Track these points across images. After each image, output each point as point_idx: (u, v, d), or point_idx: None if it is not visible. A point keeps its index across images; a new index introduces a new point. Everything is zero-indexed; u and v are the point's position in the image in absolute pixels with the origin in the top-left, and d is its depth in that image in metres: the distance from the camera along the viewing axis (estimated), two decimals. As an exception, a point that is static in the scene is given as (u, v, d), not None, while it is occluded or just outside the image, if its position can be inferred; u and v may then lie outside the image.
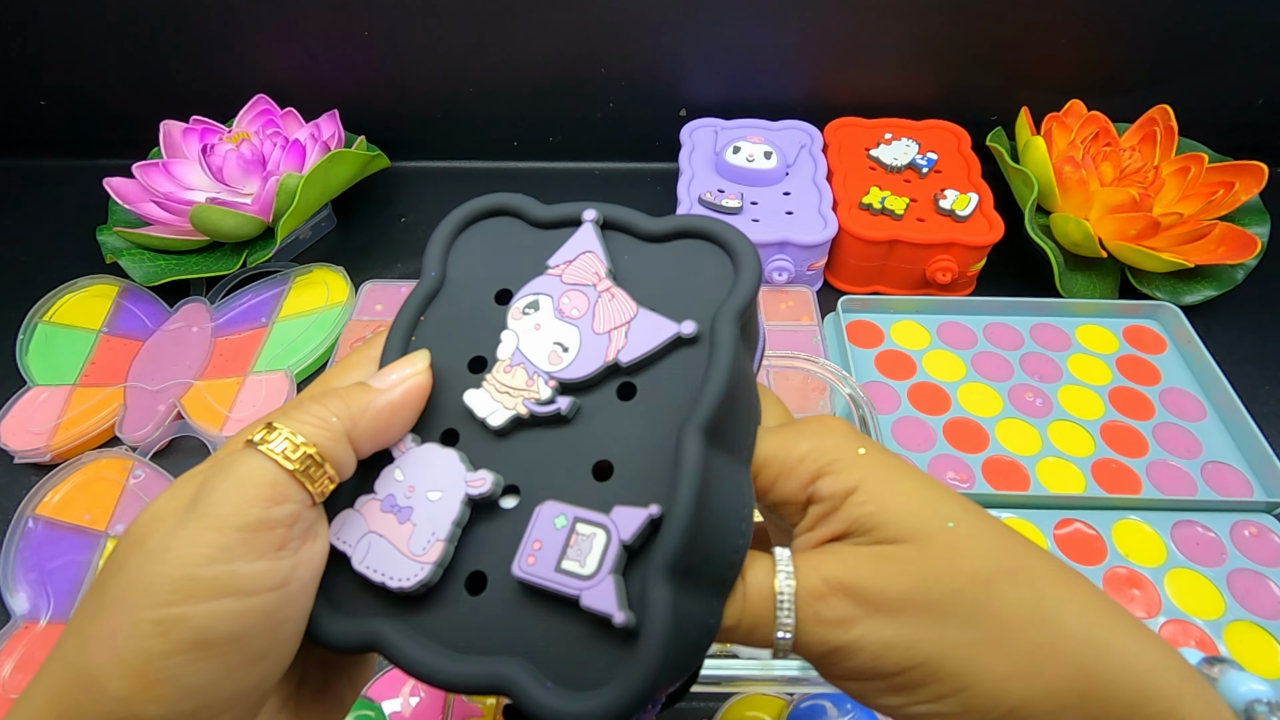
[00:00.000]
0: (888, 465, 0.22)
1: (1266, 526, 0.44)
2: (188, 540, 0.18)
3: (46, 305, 0.56)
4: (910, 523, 0.20)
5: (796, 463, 0.22)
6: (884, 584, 0.20)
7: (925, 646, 0.19)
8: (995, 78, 0.65)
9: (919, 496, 0.21)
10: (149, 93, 0.67)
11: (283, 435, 0.20)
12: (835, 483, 0.21)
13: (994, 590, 0.20)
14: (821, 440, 0.22)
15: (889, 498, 0.21)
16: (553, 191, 0.69)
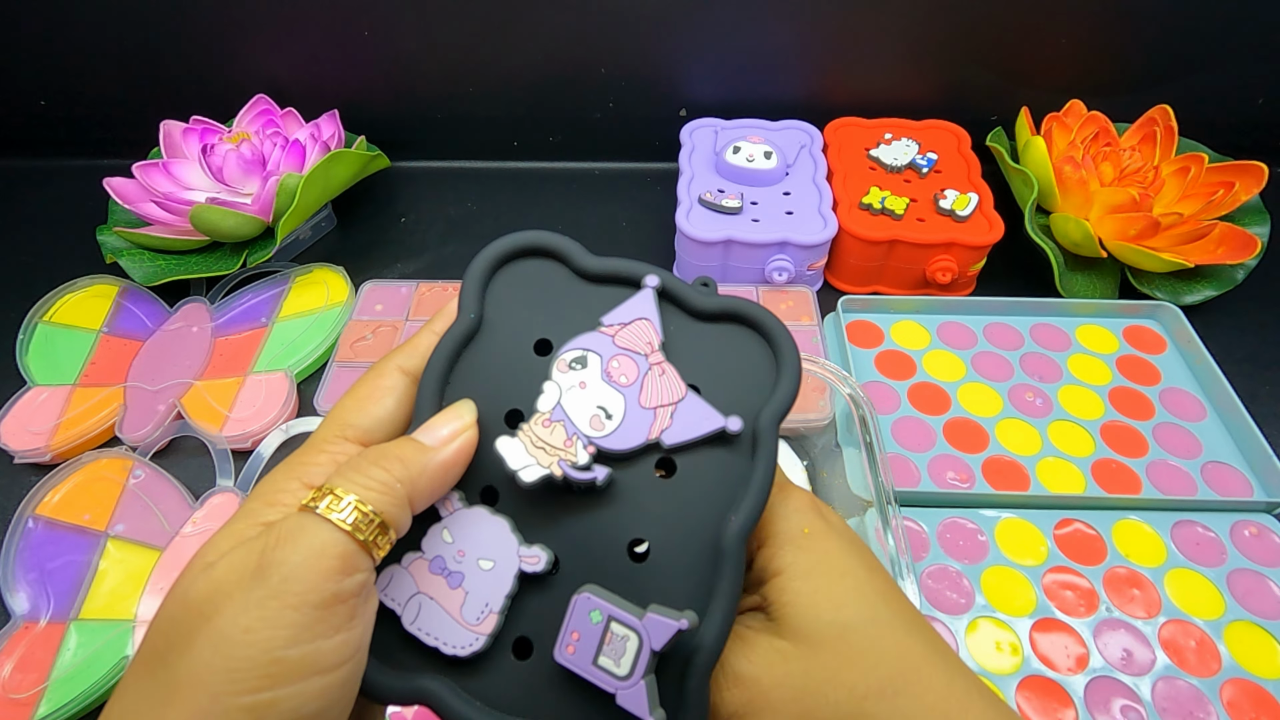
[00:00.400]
0: (822, 554, 0.22)
1: (1266, 526, 0.44)
2: (268, 621, 0.17)
3: (46, 305, 0.56)
4: (810, 626, 0.21)
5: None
6: (773, 683, 0.20)
7: None
8: (995, 78, 0.65)
9: (832, 597, 0.21)
10: (149, 93, 0.67)
11: (351, 503, 0.19)
12: (767, 558, 0.22)
13: (867, 708, 0.20)
14: (776, 509, 0.23)
15: (803, 593, 0.21)
16: (553, 191, 0.69)
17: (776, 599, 0.22)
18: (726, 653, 0.21)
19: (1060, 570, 0.43)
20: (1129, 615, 0.41)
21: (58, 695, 0.38)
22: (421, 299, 0.57)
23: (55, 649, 0.39)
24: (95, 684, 0.38)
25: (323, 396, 0.50)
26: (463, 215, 0.67)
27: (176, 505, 0.45)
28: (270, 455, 0.47)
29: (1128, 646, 0.40)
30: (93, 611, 0.41)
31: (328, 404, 0.50)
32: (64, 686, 0.38)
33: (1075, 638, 0.40)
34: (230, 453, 0.48)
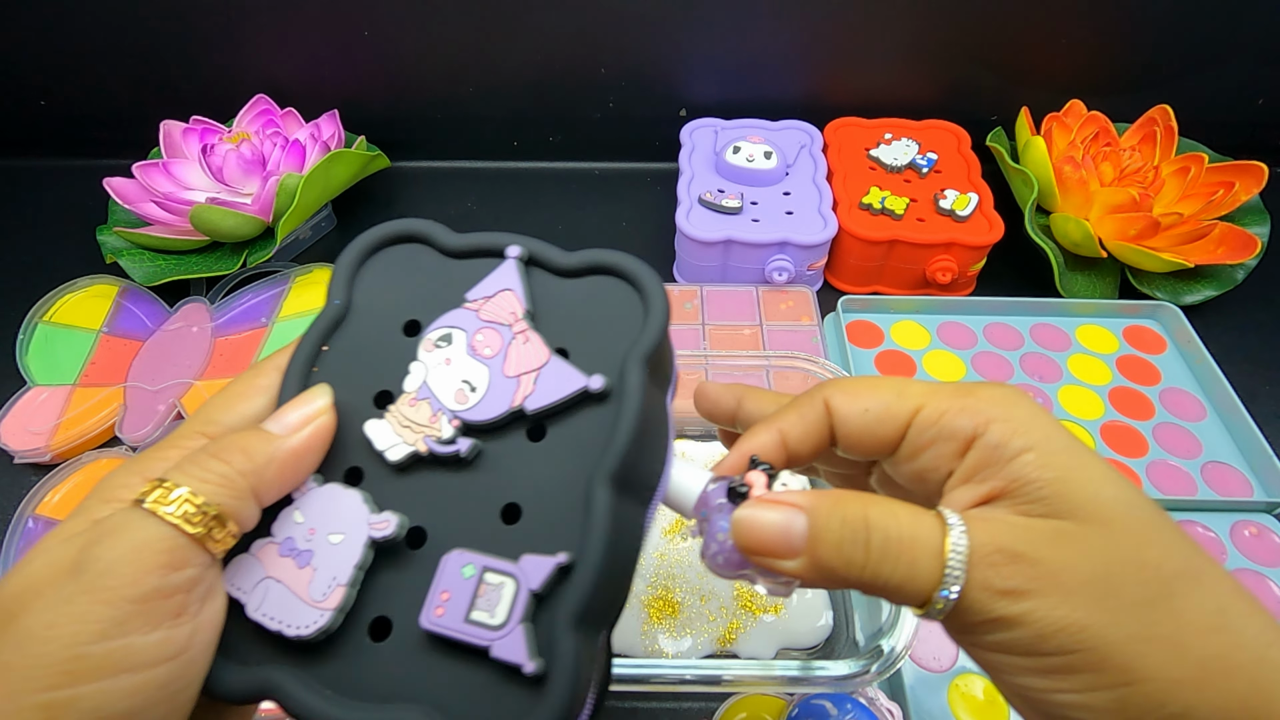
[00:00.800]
0: (1069, 437, 0.20)
1: (1266, 526, 0.44)
2: (75, 616, 0.16)
3: (46, 305, 0.56)
4: (1092, 503, 0.19)
5: (966, 406, 0.21)
6: (1062, 564, 0.18)
7: (1097, 633, 0.18)
8: (995, 78, 0.65)
9: (1105, 477, 0.19)
10: (149, 93, 0.67)
11: (181, 496, 0.18)
12: (1007, 432, 0.20)
13: (1177, 589, 0.18)
14: (998, 391, 0.21)
15: (1074, 469, 0.19)
16: (553, 191, 0.69)
17: (1036, 477, 0.19)
18: (989, 528, 0.19)
19: (1060, 570, 0.43)
20: (1129, 615, 0.41)
21: (58, 695, 0.38)
22: (421, 299, 0.57)
23: (55, 649, 0.39)
24: (95, 684, 0.38)
25: (323, 396, 0.50)
26: (463, 215, 0.67)
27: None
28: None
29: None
30: (93, 611, 0.41)
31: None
32: (64, 686, 0.38)
33: (1075, 638, 0.40)
34: (230, 453, 0.47)
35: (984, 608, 0.19)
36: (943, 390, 0.22)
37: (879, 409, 0.23)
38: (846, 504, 0.20)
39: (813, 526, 0.20)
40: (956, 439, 0.21)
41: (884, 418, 0.22)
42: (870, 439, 0.23)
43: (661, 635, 0.40)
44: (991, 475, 0.20)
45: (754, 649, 0.39)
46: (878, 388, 0.23)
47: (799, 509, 0.20)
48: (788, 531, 0.20)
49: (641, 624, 0.40)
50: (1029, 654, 0.19)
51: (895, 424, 0.22)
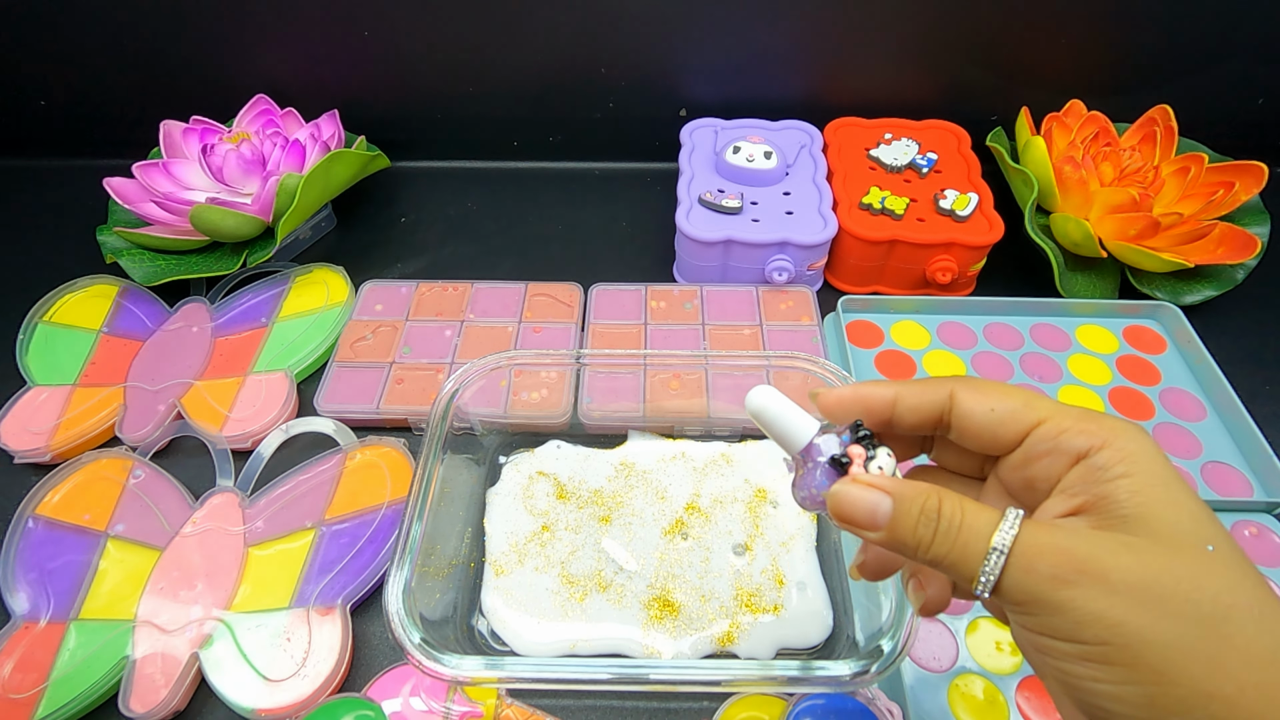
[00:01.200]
0: (1175, 477, 0.22)
1: (1266, 526, 0.44)
2: None
3: (46, 305, 0.56)
4: (1171, 530, 0.20)
5: (1086, 428, 0.23)
6: (1115, 564, 0.20)
7: (1134, 631, 0.19)
8: (995, 78, 0.65)
9: (1193, 515, 0.21)
10: (149, 93, 0.67)
11: None
12: (1113, 458, 0.22)
13: (1234, 616, 0.19)
14: (1120, 424, 0.23)
15: (1162, 500, 0.21)
16: (553, 191, 0.69)
17: (1124, 499, 0.21)
18: (1049, 530, 0.22)
19: (1060, 570, 0.43)
20: (1129, 615, 0.41)
21: (58, 695, 0.38)
22: (421, 299, 0.57)
23: (55, 649, 0.39)
24: (95, 684, 0.38)
25: (323, 396, 0.50)
26: (463, 215, 0.67)
27: (176, 505, 0.45)
28: (270, 455, 0.47)
29: (1128, 646, 0.40)
30: (93, 611, 0.41)
31: (328, 404, 0.50)
32: (64, 686, 0.38)
33: (1075, 638, 0.40)
34: (230, 453, 0.48)
35: (1026, 589, 0.21)
36: (1070, 410, 0.24)
37: (1005, 411, 0.25)
38: (926, 495, 0.23)
39: (895, 510, 0.23)
40: (1069, 455, 0.23)
41: (1008, 420, 0.24)
42: (990, 437, 0.25)
43: (661, 635, 0.40)
44: (1084, 491, 0.22)
45: (754, 649, 0.39)
46: (1008, 394, 0.25)
47: (887, 493, 0.23)
48: (874, 511, 0.24)
49: (641, 624, 0.40)
50: (1069, 640, 0.20)
51: (1018, 428, 0.24)
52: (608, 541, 0.43)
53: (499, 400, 0.48)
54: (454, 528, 0.43)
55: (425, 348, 0.53)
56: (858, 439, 0.26)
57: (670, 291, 0.57)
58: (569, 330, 0.54)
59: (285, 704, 0.37)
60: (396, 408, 0.49)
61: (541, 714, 0.38)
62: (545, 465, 0.47)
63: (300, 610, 0.41)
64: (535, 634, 0.40)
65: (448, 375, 0.51)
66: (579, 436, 0.49)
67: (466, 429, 0.46)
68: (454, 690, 0.38)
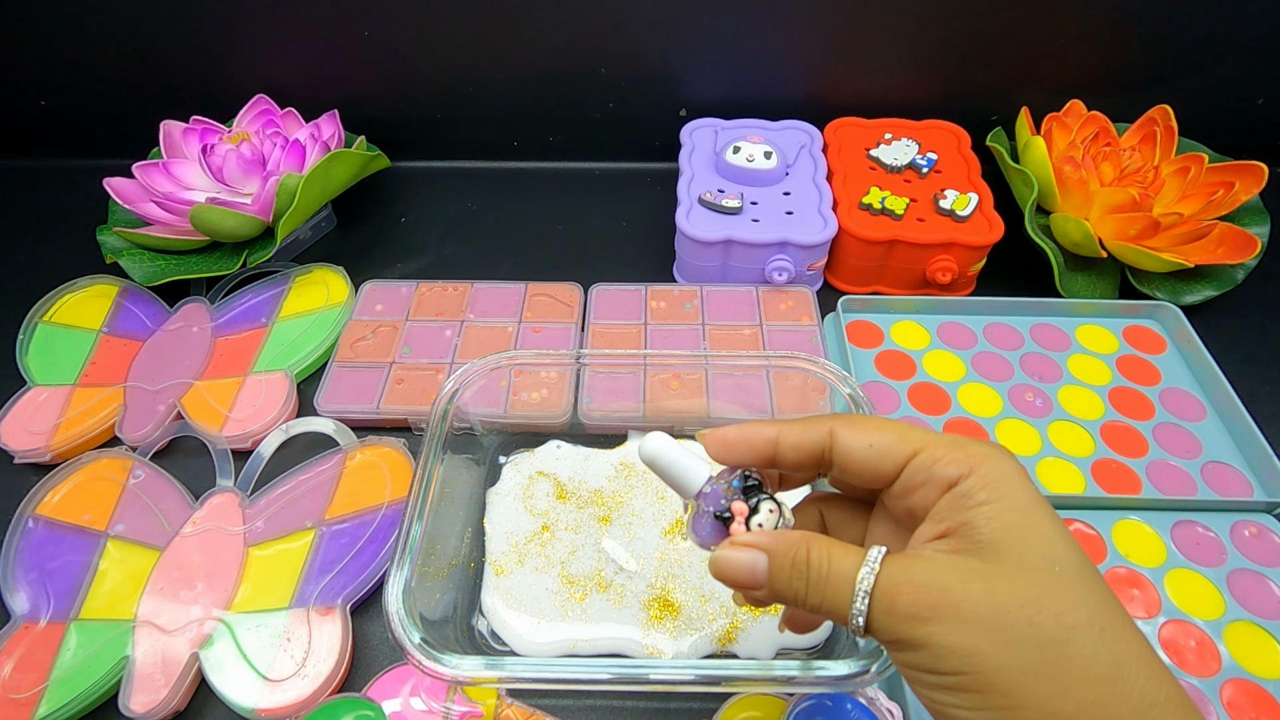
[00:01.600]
0: (1032, 501, 0.23)
1: (1266, 526, 0.44)
2: None
3: (46, 305, 0.56)
4: (1020, 553, 0.22)
5: (957, 457, 0.24)
6: (965, 593, 0.21)
7: (987, 658, 0.21)
8: (995, 78, 0.65)
9: (1045, 534, 0.22)
10: (149, 93, 0.67)
11: None
12: (978, 485, 0.23)
13: (1075, 636, 0.21)
14: (988, 450, 0.24)
15: (1015, 525, 0.22)
16: (553, 191, 0.69)
17: (983, 526, 0.22)
18: (907, 565, 0.23)
19: (1060, 570, 0.43)
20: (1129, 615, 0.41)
21: (58, 695, 0.38)
22: (421, 299, 0.57)
23: (55, 649, 0.39)
24: (95, 684, 0.38)
25: (323, 396, 0.50)
26: (463, 215, 0.67)
27: (176, 505, 0.45)
28: (270, 455, 0.47)
29: (1128, 646, 0.40)
30: (93, 611, 0.41)
31: (328, 404, 0.50)
32: (64, 686, 0.38)
33: (1075, 638, 0.40)
34: (230, 453, 0.48)
35: (889, 630, 0.22)
36: (943, 440, 0.25)
37: (882, 446, 0.26)
38: (796, 547, 0.25)
39: (770, 566, 0.25)
40: (940, 484, 0.24)
41: (885, 454, 0.26)
42: (870, 472, 0.26)
43: (661, 635, 0.40)
44: (950, 517, 0.24)
45: (754, 649, 0.39)
46: (885, 428, 0.26)
47: (761, 551, 0.25)
48: (753, 570, 0.25)
49: (641, 624, 0.40)
50: (931, 671, 0.22)
51: (895, 461, 0.25)
52: (608, 541, 0.43)
53: (499, 400, 0.48)
54: (454, 528, 0.43)
55: (425, 348, 0.53)
56: (745, 488, 0.26)
57: (670, 291, 0.57)
58: (569, 330, 0.54)
59: (285, 704, 0.37)
60: (396, 408, 0.49)
61: (541, 714, 0.38)
62: (545, 465, 0.47)
63: (300, 610, 0.41)
64: (535, 634, 0.40)
65: (448, 375, 0.51)
66: (579, 436, 0.49)
67: (466, 429, 0.46)
68: (454, 690, 0.38)
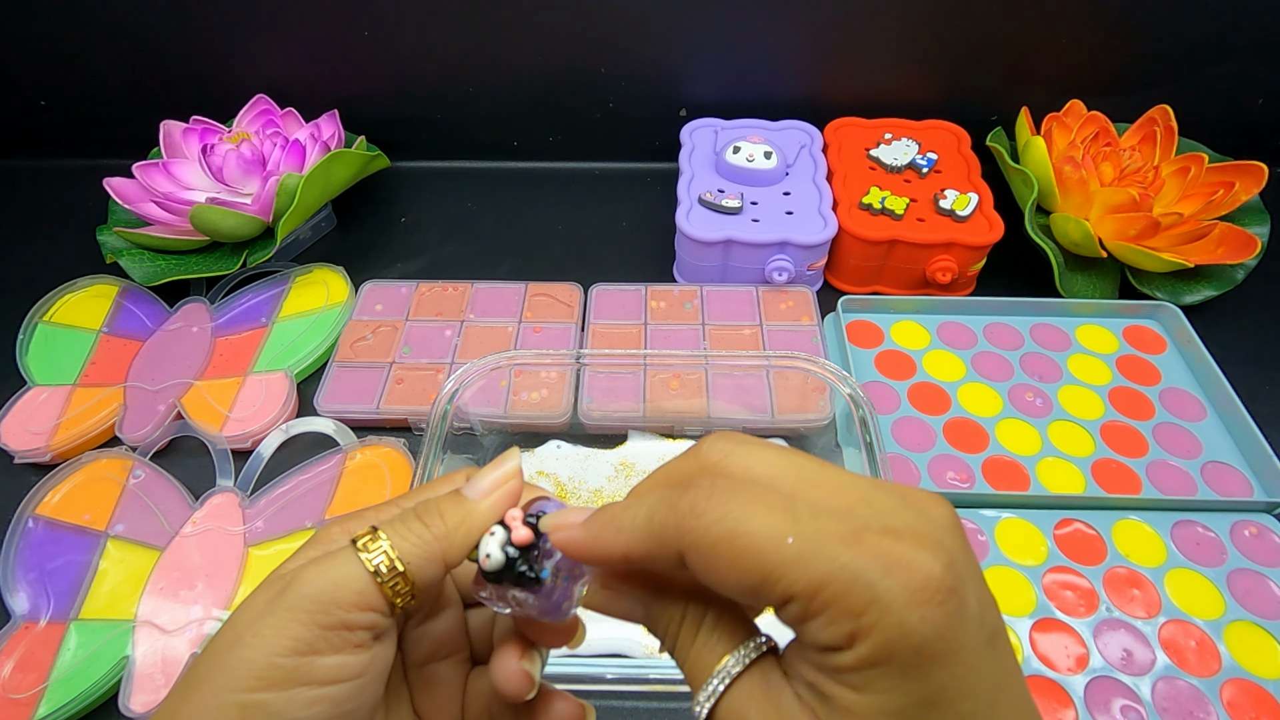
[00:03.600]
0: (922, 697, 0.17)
1: (1266, 526, 0.44)
2: (275, 630, 0.19)
3: (46, 305, 0.56)
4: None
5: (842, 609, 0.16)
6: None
7: None
8: (995, 78, 0.65)
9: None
10: (149, 93, 0.67)
11: (382, 548, 0.21)
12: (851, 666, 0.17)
13: None
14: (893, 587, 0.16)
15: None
16: (553, 191, 0.69)
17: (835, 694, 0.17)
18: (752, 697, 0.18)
19: (1060, 570, 0.43)
20: (1129, 615, 0.41)
21: (58, 695, 0.38)
22: (421, 299, 0.57)
23: (55, 649, 0.39)
24: (95, 684, 0.38)
25: (323, 396, 0.50)
26: (463, 215, 0.67)
27: (176, 505, 0.45)
28: (270, 455, 0.47)
29: (1128, 646, 0.40)
30: (93, 611, 0.41)
31: (328, 404, 0.50)
32: (64, 686, 0.38)
33: (1075, 638, 0.40)
34: (230, 453, 0.48)
35: None
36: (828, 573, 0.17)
37: (739, 591, 0.18)
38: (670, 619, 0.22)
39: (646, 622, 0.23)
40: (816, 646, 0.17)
41: (749, 597, 0.18)
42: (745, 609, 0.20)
43: (661, 635, 0.40)
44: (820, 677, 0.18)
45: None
46: (740, 558, 0.17)
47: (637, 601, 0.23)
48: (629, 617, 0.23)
49: (641, 624, 0.40)
50: None
51: (762, 604, 0.18)
52: (608, 541, 0.43)
53: (499, 400, 0.48)
54: (454, 528, 0.43)
55: (425, 348, 0.53)
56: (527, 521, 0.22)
57: (670, 291, 0.57)
58: (569, 330, 0.54)
59: (285, 704, 0.37)
60: (396, 408, 0.49)
61: (541, 714, 0.38)
62: (545, 465, 0.47)
63: (300, 610, 0.41)
64: (535, 634, 0.40)
65: (448, 375, 0.51)
66: (579, 436, 0.49)
67: (466, 429, 0.46)
68: (454, 690, 0.38)
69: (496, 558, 0.21)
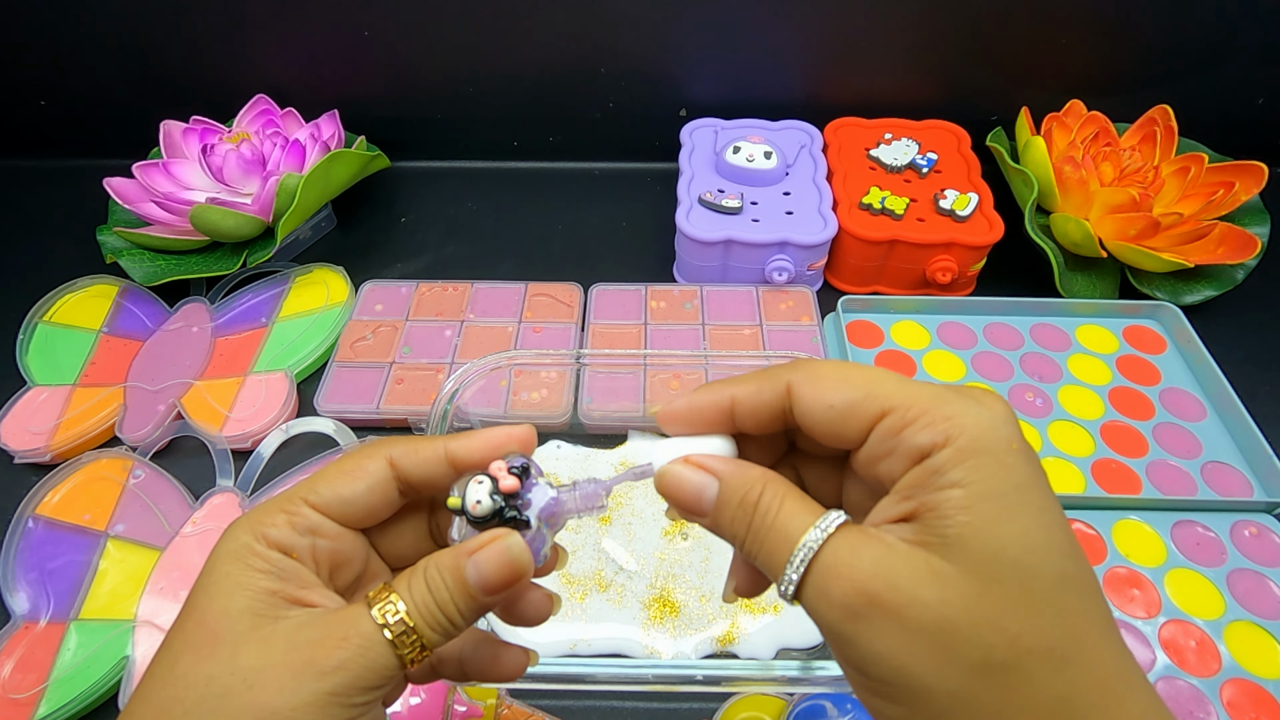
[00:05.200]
0: (1016, 485, 0.19)
1: (1266, 526, 0.44)
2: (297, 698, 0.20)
3: (46, 305, 0.56)
4: (988, 557, 0.18)
5: (932, 421, 0.20)
6: (913, 598, 0.18)
7: (919, 676, 0.18)
8: (995, 78, 0.65)
9: (1023, 535, 0.19)
10: (149, 93, 0.67)
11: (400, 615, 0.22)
12: (951, 460, 0.19)
13: (1027, 662, 0.18)
14: (972, 411, 0.20)
15: (987, 518, 0.19)
16: (553, 191, 0.69)
17: (950, 514, 0.19)
18: (853, 541, 0.20)
19: (1060, 570, 0.43)
20: (1129, 615, 0.41)
21: (58, 695, 0.38)
22: (421, 299, 0.57)
23: (55, 649, 0.39)
24: (95, 684, 0.38)
25: (323, 396, 0.50)
26: (463, 215, 0.67)
27: (176, 505, 0.45)
28: (270, 455, 0.47)
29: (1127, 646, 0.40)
30: (93, 611, 0.41)
31: (328, 404, 0.50)
32: (64, 686, 0.38)
33: (1075, 638, 0.40)
34: (230, 453, 0.48)
35: (819, 612, 0.20)
36: (919, 396, 0.20)
37: (843, 407, 0.21)
38: (750, 484, 0.22)
39: (719, 496, 0.22)
40: (911, 456, 0.20)
41: (848, 417, 0.21)
42: (834, 435, 0.22)
43: (661, 635, 0.40)
44: (916, 496, 0.20)
45: (754, 649, 0.39)
46: (845, 383, 0.21)
47: (714, 477, 0.23)
48: (700, 494, 0.23)
49: (641, 624, 0.40)
50: (857, 670, 0.20)
51: (859, 425, 0.21)
52: (608, 541, 0.43)
53: (499, 400, 0.48)
54: (454, 528, 0.43)
55: (425, 348, 0.53)
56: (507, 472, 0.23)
57: (670, 291, 0.57)
58: (569, 330, 0.54)
59: (285, 704, 0.37)
60: (396, 408, 0.49)
61: (541, 714, 0.38)
62: (545, 465, 0.47)
63: (300, 610, 0.41)
64: (535, 634, 0.40)
65: (448, 375, 0.51)
66: (579, 436, 0.49)
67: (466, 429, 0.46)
68: (454, 690, 0.38)
69: (486, 504, 0.23)
